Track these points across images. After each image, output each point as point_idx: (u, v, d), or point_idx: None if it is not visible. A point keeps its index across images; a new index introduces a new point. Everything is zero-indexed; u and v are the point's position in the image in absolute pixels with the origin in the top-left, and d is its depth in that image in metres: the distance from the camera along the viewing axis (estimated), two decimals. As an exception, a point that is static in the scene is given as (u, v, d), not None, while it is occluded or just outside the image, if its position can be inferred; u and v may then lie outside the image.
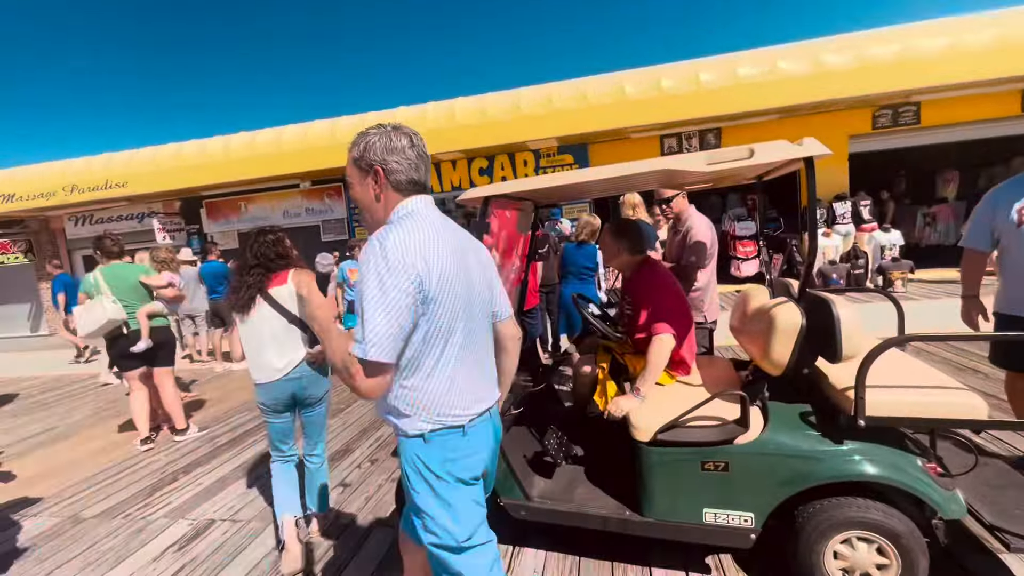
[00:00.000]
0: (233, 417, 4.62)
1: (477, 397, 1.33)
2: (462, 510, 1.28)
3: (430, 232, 1.22)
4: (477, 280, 1.35)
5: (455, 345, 1.26)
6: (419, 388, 1.24)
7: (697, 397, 1.97)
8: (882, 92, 7.57)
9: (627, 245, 2.34)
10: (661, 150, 9.27)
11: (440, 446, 1.26)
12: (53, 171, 10.40)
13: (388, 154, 1.27)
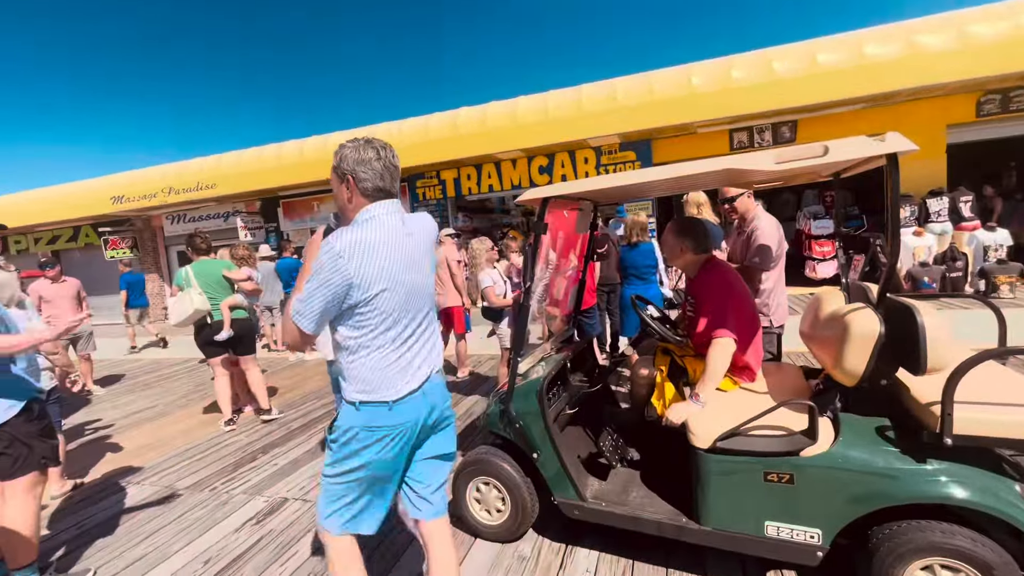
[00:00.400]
0: (305, 404, 4.94)
1: (407, 379, 1.53)
2: (364, 464, 1.52)
3: (380, 236, 1.45)
4: (423, 278, 1.59)
5: (391, 332, 1.49)
6: (357, 366, 1.49)
7: (761, 405, 1.89)
8: (989, 75, 6.81)
9: (690, 244, 2.27)
10: (730, 145, 8.86)
11: (368, 414, 1.50)
12: (155, 175, 11.55)
13: (358, 165, 1.49)
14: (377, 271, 1.42)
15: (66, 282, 5.93)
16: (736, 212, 3.10)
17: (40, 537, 2.38)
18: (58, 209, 12.32)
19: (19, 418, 2.10)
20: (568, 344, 2.87)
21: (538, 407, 2.20)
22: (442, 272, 5.11)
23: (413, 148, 9.56)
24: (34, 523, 2.21)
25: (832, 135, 8.03)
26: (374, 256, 1.41)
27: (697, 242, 2.26)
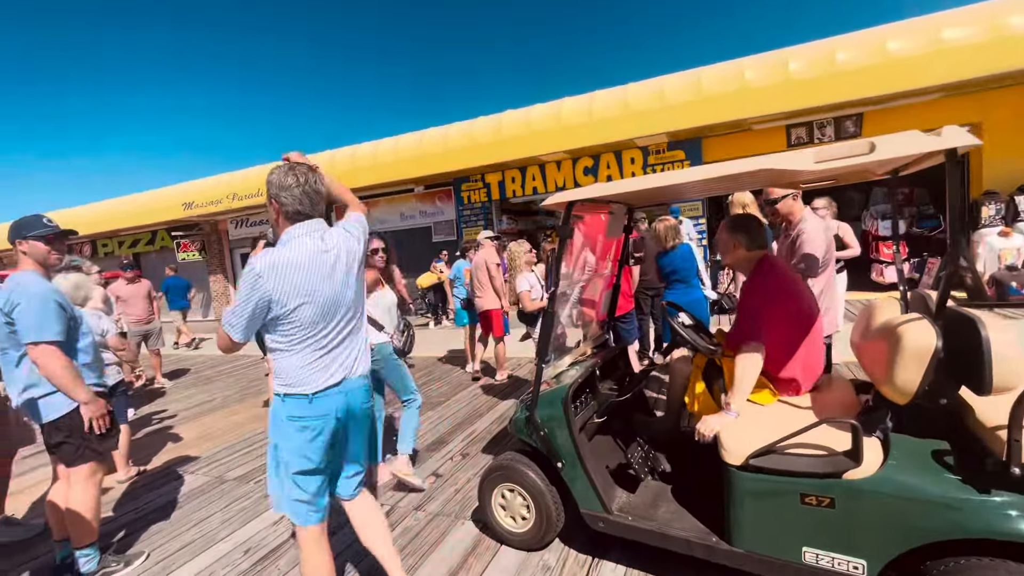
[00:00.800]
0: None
1: (327, 375, 1.72)
2: (293, 453, 1.71)
3: (296, 256, 1.64)
4: (345, 289, 1.76)
5: (311, 338, 1.68)
6: (281, 363, 1.70)
7: (801, 421, 1.76)
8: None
9: (744, 239, 2.12)
10: (788, 142, 8.38)
11: (291, 405, 1.70)
12: (221, 182, 12.34)
13: (280, 190, 1.67)
14: (292, 288, 1.61)
15: (140, 283, 6.45)
16: (780, 215, 2.93)
17: (102, 519, 2.58)
18: (138, 215, 13.42)
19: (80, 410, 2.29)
20: (600, 351, 2.80)
21: (563, 415, 2.15)
22: (481, 275, 5.14)
23: (459, 152, 9.70)
24: (95, 506, 2.40)
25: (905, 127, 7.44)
26: (290, 275, 1.61)
27: (751, 238, 2.13)
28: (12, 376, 2.27)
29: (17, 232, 2.26)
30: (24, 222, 2.28)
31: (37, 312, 2.13)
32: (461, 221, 10.93)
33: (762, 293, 2.07)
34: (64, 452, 2.30)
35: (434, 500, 2.93)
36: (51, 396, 2.24)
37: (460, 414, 4.39)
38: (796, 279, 2.16)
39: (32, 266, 2.28)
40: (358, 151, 10.81)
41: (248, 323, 1.62)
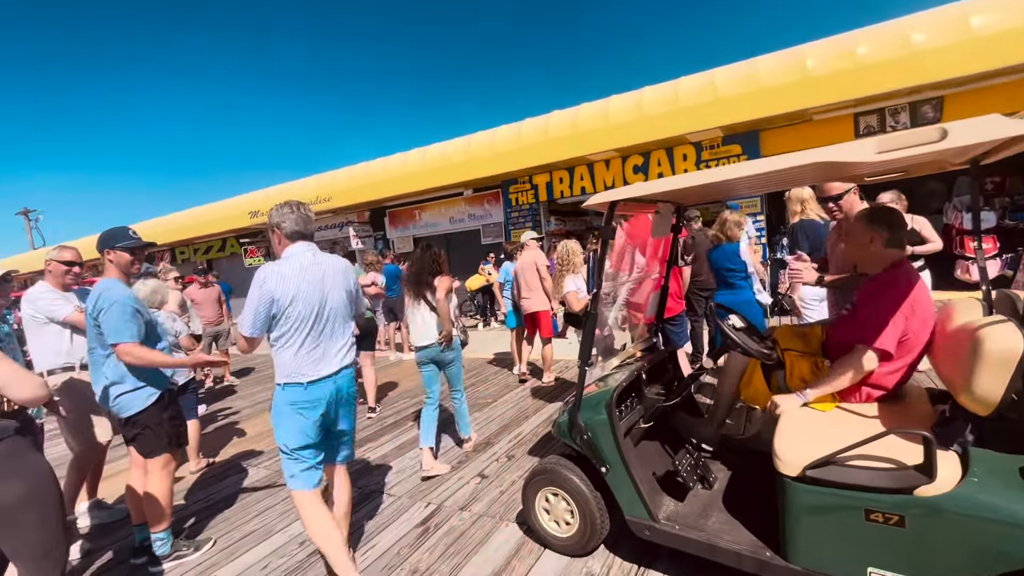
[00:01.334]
0: (399, 401, 5.25)
1: (320, 367, 2.12)
2: (294, 433, 2.10)
3: (294, 267, 2.09)
4: (334, 294, 2.19)
5: (303, 334, 2.09)
6: (281, 357, 2.10)
7: (863, 430, 1.63)
8: None
9: (884, 235, 1.92)
10: (856, 131, 7.81)
11: (290, 393, 2.09)
12: (282, 191, 13.05)
13: (280, 219, 2.17)
14: (291, 289, 2.05)
15: (212, 287, 6.92)
16: (840, 211, 2.74)
17: (175, 506, 2.79)
18: (210, 224, 14.44)
19: (155, 406, 2.48)
20: (647, 353, 2.72)
21: (607, 418, 2.11)
22: (530, 276, 5.14)
23: (506, 155, 9.76)
24: (168, 494, 2.59)
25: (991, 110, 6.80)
26: (287, 280, 2.05)
27: (892, 234, 1.94)
28: (98, 373, 2.50)
29: (106, 242, 2.48)
30: (112, 233, 2.50)
31: (118, 317, 2.34)
32: (509, 223, 10.98)
33: (896, 299, 1.87)
34: (140, 444, 2.50)
35: (479, 501, 2.95)
36: (130, 394, 2.44)
37: (507, 416, 4.40)
38: (926, 290, 1.94)
39: (116, 274, 2.49)
40: (409, 157, 11.11)
41: (254, 320, 2.03)
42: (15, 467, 1.69)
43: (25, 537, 1.71)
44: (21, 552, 1.72)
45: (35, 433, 1.83)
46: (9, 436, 1.69)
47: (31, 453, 1.77)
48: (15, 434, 1.71)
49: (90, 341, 2.48)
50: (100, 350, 2.46)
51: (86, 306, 2.42)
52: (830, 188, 2.71)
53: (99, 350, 2.47)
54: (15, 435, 1.71)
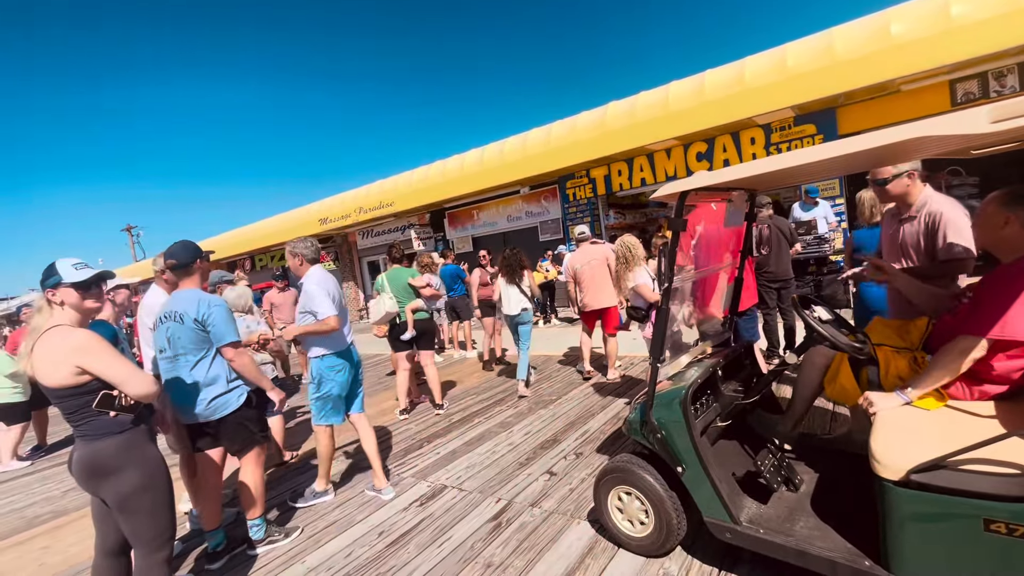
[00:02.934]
0: (465, 398, 5.35)
1: (348, 339, 3.29)
2: (341, 384, 3.20)
3: (331, 278, 3.25)
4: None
5: (342, 315, 3.15)
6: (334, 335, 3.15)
7: (980, 431, 1.47)
8: None
9: (1021, 216, 1.71)
10: (952, 100, 7.07)
11: (330, 360, 3.17)
12: (348, 198, 13.69)
13: (303, 249, 3.20)
14: (333, 287, 3.19)
15: (289, 291, 7.37)
16: (890, 197, 2.48)
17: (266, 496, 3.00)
18: (285, 232, 15.39)
19: (246, 404, 2.68)
20: (721, 349, 2.60)
21: (682, 417, 2.04)
22: (599, 271, 5.05)
23: (562, 151, 9.69)
24: (261, 484, 2.79)
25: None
26: (331, 282, 3.20)
27: None
28: (181, 381, 2.58)
29: (196, 253, 2.68)
30: (196, 246, 2.70)
31: (224, 319, 2.55)
32: (567, 219, 10.90)
33: (1010, 292, 1.66)
34: (235, 442, 2.70)
35: (549, 498, 2.95)
36: (225, 395, 2.63)
37: (572, 413, 4.37)
38: None
39: (198, 284, 2.70)
40: (466, 159, 11.30)
41: (331, 306, 3.04)
42: (134, 458, 1.88)
43: (142, 520, 1.91)
44: (140, 534, 1.92)
45: (150, 424, 2.02)
46: (128, 429, 1.88)
47: (148, 445, 1.96)
48: (133, 426, 1.90)
49: (178, 347, 2.55)
50: (191, 356, 2.55)
51: (178, 313, 2.53)
52: (880, 172, 2.47)
53: (190, 356, 2.55)
54: (133, 427, 1.90)
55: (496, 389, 5.58)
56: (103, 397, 1.78)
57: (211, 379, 2.59)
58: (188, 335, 2.54)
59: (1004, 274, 1.73)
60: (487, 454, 3.74)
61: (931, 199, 2.45)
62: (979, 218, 1.82)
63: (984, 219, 1.78)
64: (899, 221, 2.59)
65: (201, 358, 2.58)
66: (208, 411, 2.59)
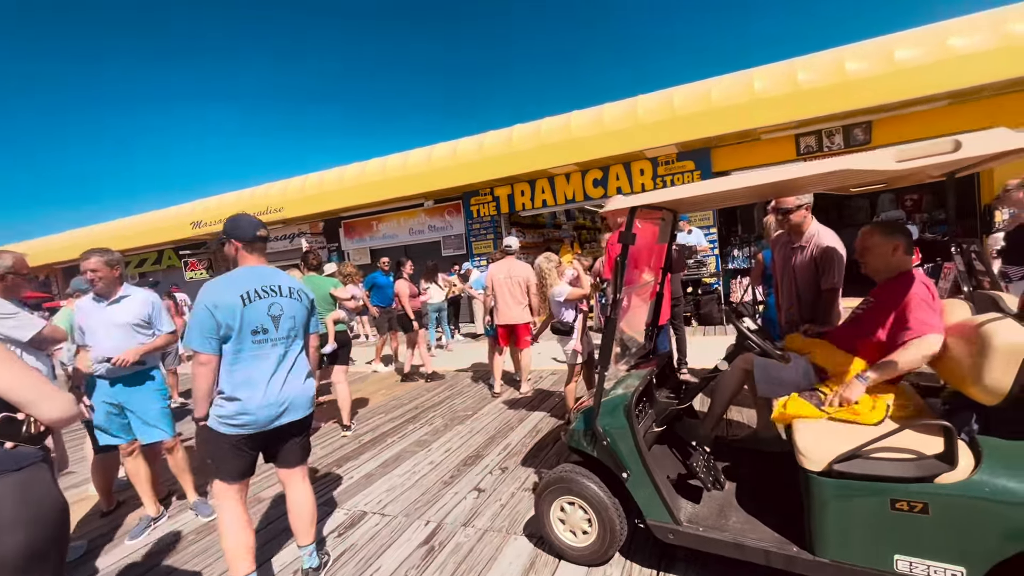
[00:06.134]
0: (373, 418, 5.03)
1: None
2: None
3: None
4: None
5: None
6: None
7: (877, 429, 1.73)
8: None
9: (904, 243, 2.09)
10: (797, 150, 8.45)
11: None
12: (228, 200, 12.37)
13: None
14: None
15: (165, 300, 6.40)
16: (791, 224, 2.91)
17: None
18: (145, 235, 13.43)
19: None
20: (650, 359, 2.77)
21: (627, 423, 2.11)
22: (515, 288, 5.07)
23: (468, 166, 9.74)
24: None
25: (911, 135, 7.46)
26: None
27: (909, 243, 2.11)
28: (301, 366, 2.31)
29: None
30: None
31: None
32: (470, 235, 10.94)
33: (926, 292, 1.98)
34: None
35: (481, 515, 2.86)
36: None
37: (490, 427, 4.33)
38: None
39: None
40: (367, 167, 10.86)
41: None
42: (28, 512, 1.34)
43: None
44: None
45: (50, 462, 1.53)
46: (31, 464, 1.39)
47: (51, 489, 1.43)
48: (38, 462, 1.41)
49: (295, 330, 2.29)
50: (300, 340, 2.33)
51: (296, 295, 2.29)
52: (785, 202, 2.87)
53: (300, 340, 2.33)
54: (37, 463, 1.41)
55: (407, 406, 5.33)
56: (4, 422, 1.36)
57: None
58: (305, 316, 2.39)
59: (899, 287, 2.05)
60: (407, 475, 3.54)
61: (819, 232, 2.87)
62: (868, 249, 2.15)
63: (874, 249, 2.12)
64: (791, 249, 2.99)
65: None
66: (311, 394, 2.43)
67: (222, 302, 2.05)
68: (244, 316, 2.08)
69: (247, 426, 2.10)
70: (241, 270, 2.20)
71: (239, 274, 2.18)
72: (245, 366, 2.11)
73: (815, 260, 2.86)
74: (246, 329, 2.10)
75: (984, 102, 7.24)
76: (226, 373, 2.10)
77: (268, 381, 2.14)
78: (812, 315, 2.91)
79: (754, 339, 2.05)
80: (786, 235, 3.08)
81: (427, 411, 5.05)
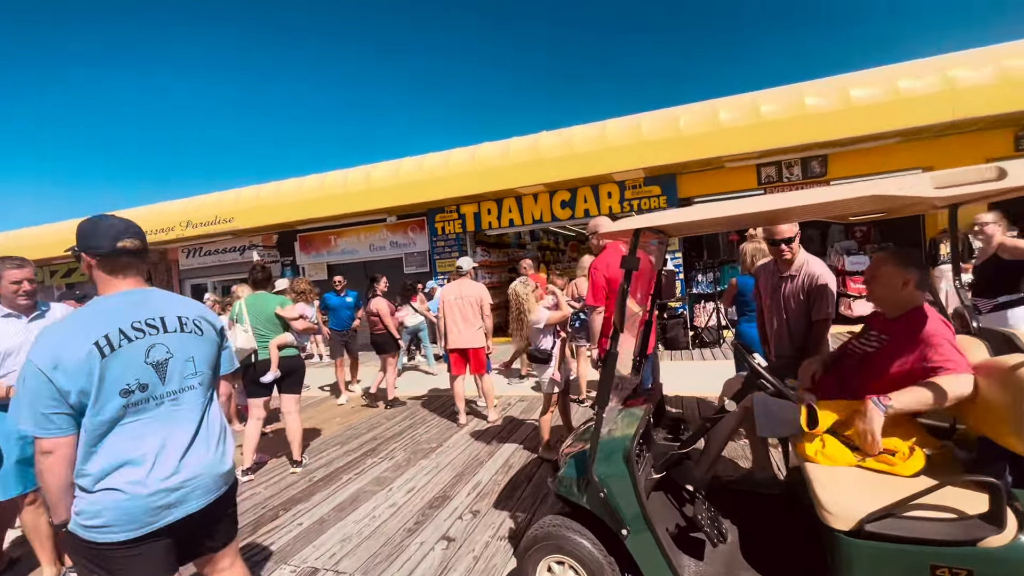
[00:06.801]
0: (327, 450, 4.57)
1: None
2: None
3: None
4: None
5: None
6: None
7: (906, 482, 1.56)
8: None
9: (917, 276, 1.91)
10: (758, 179, 8.70)
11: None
12: (173, 208, 11.53)
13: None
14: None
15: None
16: (791, 253, 2.82)
17: None
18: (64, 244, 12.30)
19: None
20: (637, 395, 2.55)
21: (627, 472, 1.87)
22: (469, 310, 4.80)
23: (434, 183, 9.47)
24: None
25: (864, 170, 7.74)
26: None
27: (923, 278, 1.93)
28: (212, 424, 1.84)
29: None
30: None
31: None
32: (434, 252, 10.61)
33: (947, 333, 1.82)
34: None
35: (453, 570, 2.53)
36: None
37: (457, 462, 3.98)
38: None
39: None
40: (327, 179, 10.39)
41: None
42: None
43: None
44: None
45: None
46: None
47: None
48: None
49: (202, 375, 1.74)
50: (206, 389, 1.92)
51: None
52: (780, 231, 2.79)
53: (205, 389, 1.91)
54: None
55: (364, 436, 4.89)
56: None
57: None
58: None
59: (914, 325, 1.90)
60: (365, 521, 3.14)
61: (809, 261, 2.78)
62: (878, 278, 2.02)
63: (884, 279, 1.97)
64: (779, 278, 2.88)
65: None
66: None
67: (65, 358, 1.36)
68: (105, 373, 1.40)
69: (132, 527, 1.42)
70: (98, 302, 1.52)
71: (96, 309, 1.50)
72: (118, 443, 1.44)
73: (806, 290, 2.76)
74: (110, 391, 1.41)
75: (928, 141, 7.67)
76: (88, 456, 1.42)
77: (155, 459, 1.47)
78: (802, 345, 2.80)
79: (770, 379, 1.86)
80: (773, 264, 2.98)
81: (387, 442, 4.65)
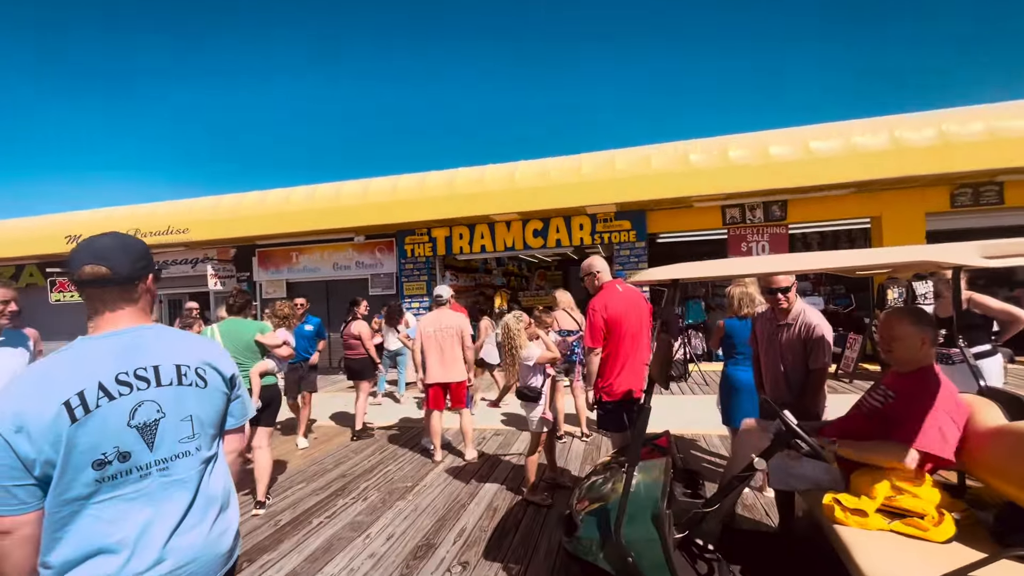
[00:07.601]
0: (292, 489, 4.21)
1: None
2: None
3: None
4: None
5: None
6: None
7: (942, 550, 1.55)
8: (962, 171, 7.32)
9: (931, 335, 1.96)
10: (723, 220, 9.08)
11: None
12: (119, 215, 10.74)
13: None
14: None
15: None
16: (787, 303, 2.88)
17: None
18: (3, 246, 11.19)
19: None
20: (654, 446, 2.47)
21: (658, 536, 1.78)
22: (449, 342, 4.62)
23: (407, 204, 9.30)
24: None
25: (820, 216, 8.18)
26: None
27: (935, 335, 1.99)
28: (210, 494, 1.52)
29: None
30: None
31: None
32: (402, 275, 10.35)
33: (952, 408, 1.86)
34: None
35: (448, 636, 2.32)
36: None
37: (438, 504, 3.76)
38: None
39: None
40: (293, 194, 10.00)
41: None
42: None
43: None
44: None
45: None
46: None
47: None
48: None
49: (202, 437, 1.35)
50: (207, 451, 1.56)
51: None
52: (778, 281, 2.86)
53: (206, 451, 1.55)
54: None
55: (332, 473, 4.56)
56: None
57: None
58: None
59: (916, 387, 1.95)
60: (343, 574, 2.87)
61: (805, 310, 2.84)
62: (897, 339, 2.03)
63: (906, 340, 1.99)
64: (776, 327, 2.92)
65: None
66: None
67: (29, 420, 1.04)
68: (75, 440, 1.07)
69: None
70: (79, 345, 1.18)
71: (74, 355, 1.16)
72: (89, 526, 1.11)
73: (803, 338, 2.81)
74: (79, 463, 1.08)
75: (878, 193, 8.26)
76: (52, 544, 1.09)
77: (134, 545, 1.13)
78: (800, 394, 2.83)
79: (806, 438, 1.83)
80: (770, 312, 3.02)
81: (357, 480, 4.35)
